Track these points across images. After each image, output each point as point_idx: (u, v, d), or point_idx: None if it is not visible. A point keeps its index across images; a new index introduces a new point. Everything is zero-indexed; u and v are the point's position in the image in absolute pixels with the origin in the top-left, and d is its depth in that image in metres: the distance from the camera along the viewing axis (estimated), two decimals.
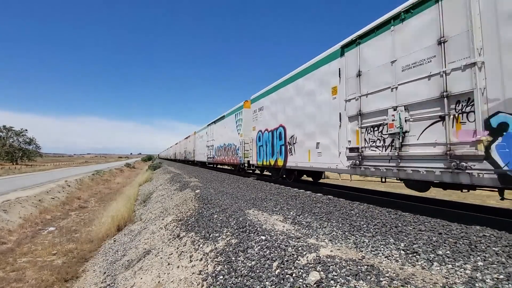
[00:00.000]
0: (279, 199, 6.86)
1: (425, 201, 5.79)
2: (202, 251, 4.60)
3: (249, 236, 4.24)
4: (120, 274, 6.15)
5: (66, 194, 20.55)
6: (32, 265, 8.45)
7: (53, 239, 11.06)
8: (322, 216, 5.00)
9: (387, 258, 3.08)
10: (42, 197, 17.21)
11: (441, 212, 4.47)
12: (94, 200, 21.45)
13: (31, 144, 73.73)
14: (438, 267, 2.76)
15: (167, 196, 11.84)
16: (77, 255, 9.13)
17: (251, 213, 5.50)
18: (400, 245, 3.37)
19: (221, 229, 5.04)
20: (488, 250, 2.97)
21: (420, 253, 3.09)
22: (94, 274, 7.39)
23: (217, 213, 6.05)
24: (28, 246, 10.15)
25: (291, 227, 4.50)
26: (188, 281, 3.96)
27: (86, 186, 26.43)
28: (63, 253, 9.44)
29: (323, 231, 4.18)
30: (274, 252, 3.46)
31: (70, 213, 16.59)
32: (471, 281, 2.41)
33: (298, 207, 5.83)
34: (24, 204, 14.80)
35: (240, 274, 3.37)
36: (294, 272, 2.90)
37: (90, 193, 23.93)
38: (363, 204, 5.63)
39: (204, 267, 4.08)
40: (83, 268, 8.23)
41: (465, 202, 5.32)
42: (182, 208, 8.05)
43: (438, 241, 3.31)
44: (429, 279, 2.46)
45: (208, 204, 7.02)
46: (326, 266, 2.81)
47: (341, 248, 3.36)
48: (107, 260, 7.95)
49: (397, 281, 2.42)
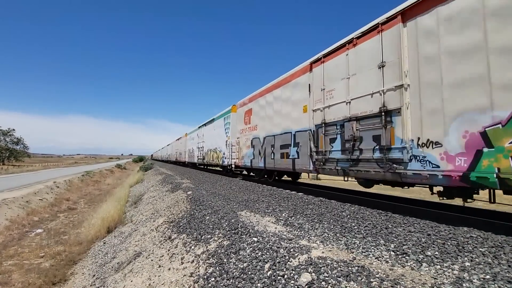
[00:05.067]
0: (271, 200, 6.87)
1: (414, 202, 5.89)
2: (194, 253, 4.57)
3: (241, 237, 4.23)
4: (110, 277, 6.05)
5: (55, 196, 20.13)
6: (19, 268, 8.24)
7: (40, 241, 10.81)
8: (314, 217, 5.02)
9: (378, 259, 3.12)
10: (30, 199, 16.82)
11: (430, 214, 4.56)
12: (84, 201, 21.08)
13: (18, 144, 72.06)
14: (427, 268, 2.81)
15: (158, 198, 11.72)
16: (65, 258, 8.94)
17: (243, 215, 5.49)
18: (390, 246, 3.41)
19: (213, 231, 5.02)
20: (475, 251, 3.04)
21: (409, 254, 3.13)
22: (83, 277, 7.25)
23: (209, 214, 6.02)
24: (14, 249, 9.89)
25: (283, 228, 4.52)
26: (179, 283, 3.92)
27: (76, 187, 25.94)
28: (51, 255, 9.23)
29: (315, 233, 4.21)
30: (266, 254, 3.46)
31: (58, 214, 16.25)
32: (459, 281, 2.46)
33: (290, 208, 5.85)
34: (11, 205, 14.44)
35: (232, 276, 3.36)
36: (286, 273, 2.91)
37: (79, 195, 23.49)
38: (354, 205, 5.68)
39: (195, 269, 4.05)
40: (72, 271, 8.07)
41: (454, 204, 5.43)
42: (174, 209, 7.98)
43: (427, 242, 3.36)
44: (418, 280, 2.50)
45: (200, 206, 6.98)
46: (318, 267, 2.83)
47: (333, 250, 3.39)
48: (97, 262, 7.82)
49: (387, 281, 2.45)
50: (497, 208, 6.57)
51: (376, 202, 5.74)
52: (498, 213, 4.94)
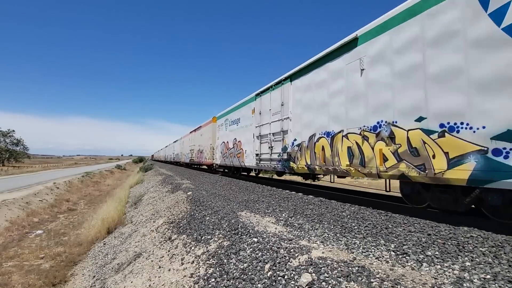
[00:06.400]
0: (271, 201, 6.87)
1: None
2: (194, 254, 4.57)
3: (241, 238, 4.23)
4: (110, 278, 6.05)
5: (55, 197, 20.13)
6: (19, 269, 8.24)
7: (40, 243, 10.81)
8: (314, 218, 5.02)
9: (378, 259, 3.11)
10: (30, 200, 16.83)
11: (430, 213, 4.56)
12: (84, 202, 21.08)
13: (18, 145, 72.11)
14: (427, 268, 2.81)
15: (158, 198, 11.72)
16: (65, 259, 8.95)
17: (243, 215, 5.49)
18: (391, 246, 3.41)
19: (213, 231, 5.01)
20: (476, 251, 3.03)
21: (410, 254, 3.13)
22: (83, 278, 7.25)
23: (209, 215, 6.02)
24: (14, 250, 9.89)
25: (283, 229, 4.51)
26: (180, 284, 3.92)
27: (76, 188, 25.95)
28: (51, 256, 9.23)
29: (315, 233, 4.20)
30: (266, 254, 3.46)
31: (58, 215, 16.25)
32: (459, 281, 2.46)
33: (290, 209, 5.84)
34: (11, 206, 14.44)
35: (232, 276, 3.36)
36: (286, 274, 2.90)
37: (79, 195, 23.50)
38: (354, 205, 5.68)
39: (195, 270, 4.05)
40: (72, 272, 8.07)
41: None
42: (174, 210, 7.98)
43: (427, 242, 3.36)
44: (419, 280, 2.50)
45: (200, 206, 6.98)
46: (318, 267, 2.82)
47: (333, 250, 3.39)
48: (97, 263, 7.82)
49: (387, 282, 2.45)
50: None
51: (376, 202, 5.74)
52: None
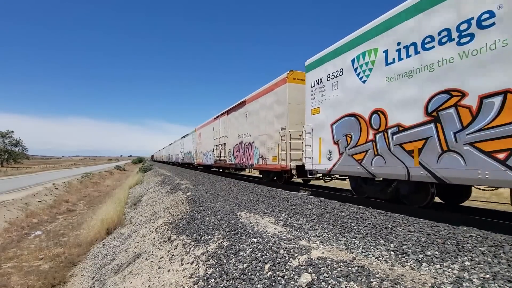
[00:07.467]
0: (270, 201, 6.86)
1: None
2: (194, 254, 4.57)
3: (241, 238, 4.22)
4: (110, 279, 6.04)
5: (54, 197, 20.09)
6: (18, 270, 8.22)
7: (40, 243, 10.79)
8: (314, 218, 5.02)
9: (377, 259, 3.12)
10: (29, 200, 16.79)
11: (429, 213, 4.56)
12: (83, 203, 21.05)
13: (17, 146, 71.93)
14: (426, 268, 2.81)
15: (158, 199, 11.70)
16: (64, 260, 8.93)
17: (243, 216, 5.49)
18: (390, 246, 3.41)
19: (213, 232, 5.01)
20: (475, 250, 3.04)
21: (409, 253, 3.13)
22: (82, 279, 7.24)
23: (209, 215, 6.01)
24: (13, 251, 9.87)
25: (283, 229, 4.51)
26: (179, 284, 3.92)
27: (75, 189, 25.91)
28: (50, 257, 9.21)
29: (315, 233, 4.20)
30: (266, 255, 3.46)
31: (57, 216, 16.22)
32: (459, 280, 2.46)
33: (290, 209, 5.84)
34: (10, 207, 14.41)
35: (231, 277, 3.35)
36: (286, 274, 2.90)
37: (78, 196, 23.46)
38: (354, 205, 5.68)
39: (195, 270, 4.04)
40: (71, 273, 8.06)
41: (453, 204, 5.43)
42: (173, 210, 7.97)
43: (426, 242, 3.36)
44: (418, 279, 2.50)
45: (200, 207, 6.97)
46: (318, 267, 2.82)
47: (332, 250, 3.39)
48: (96, 264, 7.80)
49: (387, 281, 2.45)
50: (496, 207, 6.57)
51: (376, 202, 5.74)
52: (497, 212, 4.96)
